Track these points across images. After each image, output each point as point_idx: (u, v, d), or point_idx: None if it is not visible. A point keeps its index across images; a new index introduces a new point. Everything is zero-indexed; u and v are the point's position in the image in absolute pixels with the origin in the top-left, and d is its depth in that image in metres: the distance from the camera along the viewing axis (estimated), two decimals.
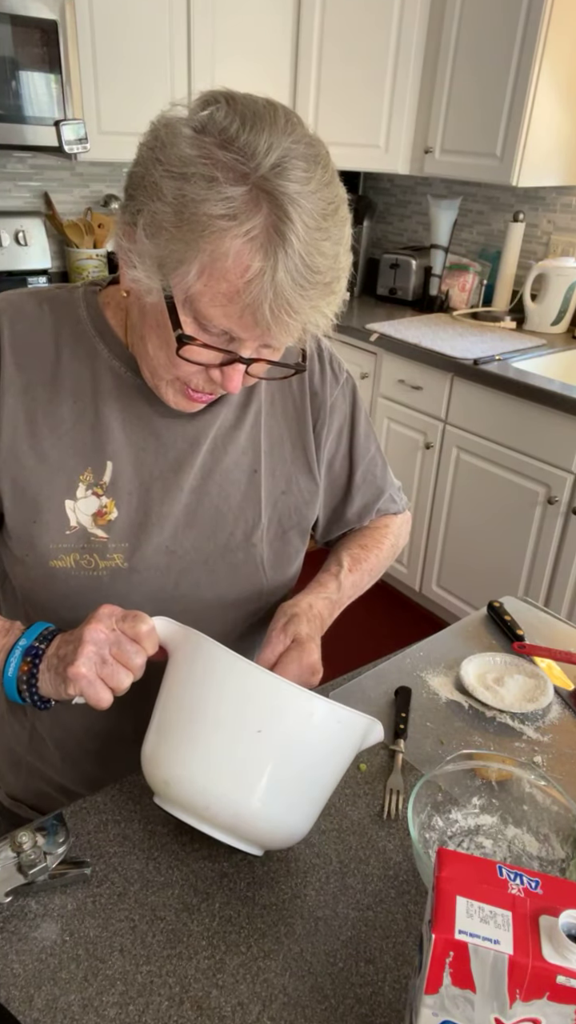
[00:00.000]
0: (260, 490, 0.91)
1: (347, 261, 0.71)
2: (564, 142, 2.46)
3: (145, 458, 0.85)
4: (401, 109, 2.64)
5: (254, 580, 0.92)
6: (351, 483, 1.02)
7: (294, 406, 0.94)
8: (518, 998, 0.50)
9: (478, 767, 0.79)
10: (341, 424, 0.99)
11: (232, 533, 0.90)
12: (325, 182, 0.67)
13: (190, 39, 2.41)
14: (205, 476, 0.88)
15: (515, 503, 2.29)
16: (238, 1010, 0.63)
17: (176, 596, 0.87)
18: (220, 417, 0.88)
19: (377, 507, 1.06)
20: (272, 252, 0.63)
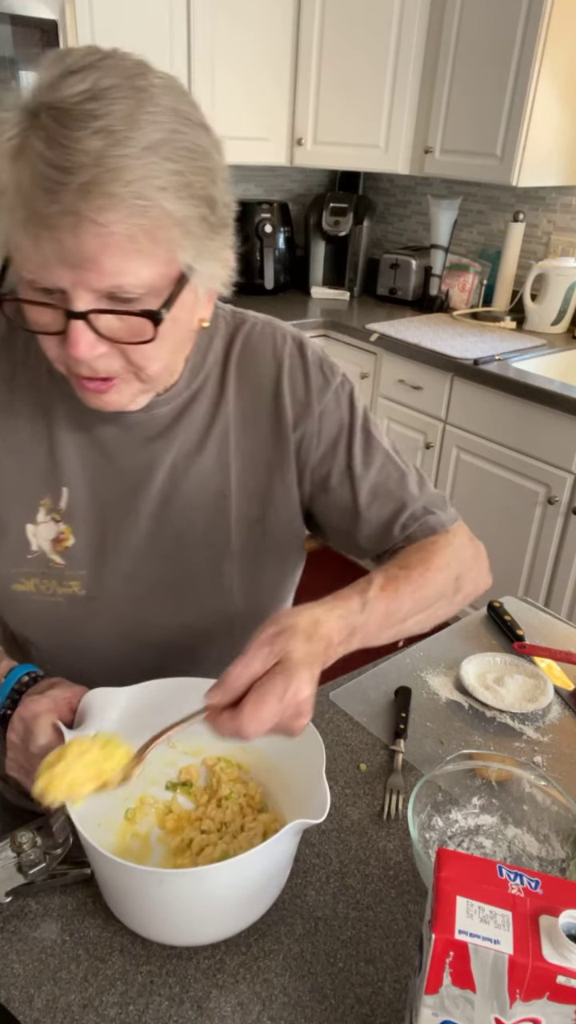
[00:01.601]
0: (230, 515, 0.86)
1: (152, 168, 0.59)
2: (564, 142, 2.46)
3: (101, 483, 0.82)
4: (401, 109, 2.64)
5: (223, 609, 0.88)
6: (356, 500, 0.87)
7: (269, 420, 0.85)
8: (518, 998, 0.50)
9: (478, 767, 0.79)
10: (336, 434, 0.86)
11: (197, 561, 0.85)
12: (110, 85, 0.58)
13: (190, 39, 2.41)
14: (165, 502, 0.83)
15: (515, 503, 2.29)
16: (238, 1010, 0.63)
17: (140, 623, 0.85)
18: (177, 442, 0.83)
19: (401, 523, 0.87)
20: (18, 159, 0.58)
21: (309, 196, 3.31)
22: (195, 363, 0.83)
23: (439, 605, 0.81)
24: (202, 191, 0.63)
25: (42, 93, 0.59)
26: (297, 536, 0.91)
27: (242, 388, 0.85)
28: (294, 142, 2.77)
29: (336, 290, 3.10)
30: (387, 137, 2.70)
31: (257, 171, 3.16)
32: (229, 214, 0.69)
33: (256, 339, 0.86)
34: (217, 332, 0.85)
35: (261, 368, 0.85)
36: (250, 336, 0.85)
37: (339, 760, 0.89)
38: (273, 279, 2.95)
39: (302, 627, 0.64)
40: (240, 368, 0.85)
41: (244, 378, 0.85)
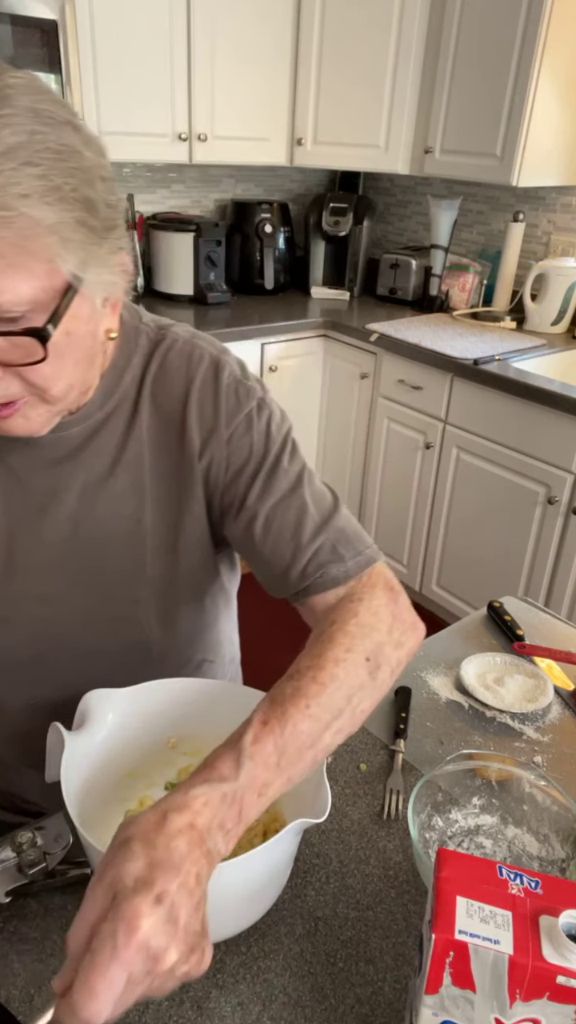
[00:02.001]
0: (145, 541, 0.81)
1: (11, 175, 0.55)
2: (564, 142, 2.46)
3: (8, 504, 0.79)
4: (401, 109, 2.64)
5: (139, 636, 0.85)
6: (251, 536, 0.79)
7: (178, 445, 0.80)
8: (518, 998, 0.50)
9: (478, 767, 0.79)
10: (243, 462, 0.79)
11: (112, 587, 0.82)
12: None
13: (190, 39, 2.41)
14: (76, 526, 0.79)
15: (515, 503, 2.29)
16: (238, 1010, 0.63)
17: (55, 645, 0.83)
18: (87, 466, 0.78)
19: (299, 570, 0.76)
20: None
21: (309, 196, 3.32)
22: (110, 383, 0.78)
23: (358, 699, 0.67)
24: (74, 193, 0.59)
25: None
26: (210, 565, 0.86)
27: (155, 410, 0.79)
28: (294, 142, 2.77)
29: (336, 290, 3.10)
30: (387, 137, 2.70)
31: (257, 171, 3.16)
32: (116, 215, 0.65)
33: (173, 358, 0.80)
34: (137, 349, 0.80)
35: (173, 389, 0.79)
36: (168, 354, 0.80)
37: (339, 760, 0.89)
38: (273, 279, 2.95)
39: (139, 834, 0.51)
40: (155, 389, 0.79)
41: (157, 400, 0.80)
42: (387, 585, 0.77)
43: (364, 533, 0.80)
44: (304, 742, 0.62)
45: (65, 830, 0.71)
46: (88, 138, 0.62)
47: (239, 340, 2.53)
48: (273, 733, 0.61)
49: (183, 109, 2.49)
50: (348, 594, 0.76)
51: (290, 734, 0.61)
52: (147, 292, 2.88)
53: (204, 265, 2.76)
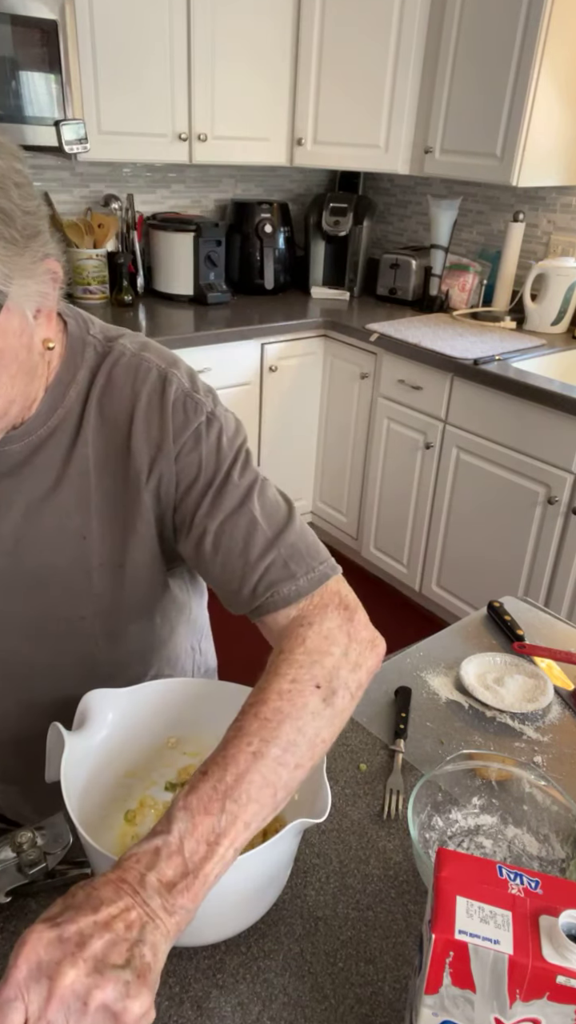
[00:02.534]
0: (90, 558, 0.79)
1: None
2: (564, 142, 2.46)
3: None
4: (401, 109, 2.64)
5: (86, 652, 0.83)
6: (200, 553, 0.77)
7: (123, 461, 0.77)
8: (518, 998, 0.50)
9: (478, 767, 0.79)
10: (193, 478, 0.77)
11: (56, 603, 0.80)
12: None
13: (190, 39, 2.41)
14: (18, 541, 0.78)
15: (515, 503, 2.29)
16: (238, 1010, 0.63)
17: (3, 659, 0.83)
18: (29, 481, 0.77)
19: (250, 588, 0.74)
20: None
21: (309, 196, 3.32)
22: (55, 397, 0.76)
23: (312, 729, 0.64)
24: None
25: None
26: (160, 582, 0.85)
27: (101, 426, 0.77)
28: (294, 142, 2.77)
29: (336, 290, 3.10)
30: (387, 137, 2.70)
31: (257, 171, 3.16)
32: (37, 221, 0.63)
33: (119, 372, 0.77)
34: (83, 363, 0.77)
35: (118, 404, 0.77)
36: (114, 368, 0.77)
37: (339, 760, 0.89)
38: (273, 279, 2.95)
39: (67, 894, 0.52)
40: (100, 404, 0.77)
41: (103, 415, 0.77)
42: (341, 604, 0.74)
43: (319, 546, 0.77)
44: (254, 781, 0.59)
45: (65, 830, 0.71)
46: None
47: (239, 340, 2.53)
48: (212, 778, 0.58)
49: (183, 109, 2.49)
50: (299, 616, 0.73)
51: (233, 776, 0.58)
52: (147, 292, 2.88)
53: (204, 265, 2.76)
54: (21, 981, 0.46)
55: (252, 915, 0.68)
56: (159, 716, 0.79)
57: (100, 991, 0.46)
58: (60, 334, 0.77)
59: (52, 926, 0.48)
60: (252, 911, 0.67)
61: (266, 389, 2.71)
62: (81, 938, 0.48)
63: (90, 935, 0.48)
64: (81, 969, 0.46)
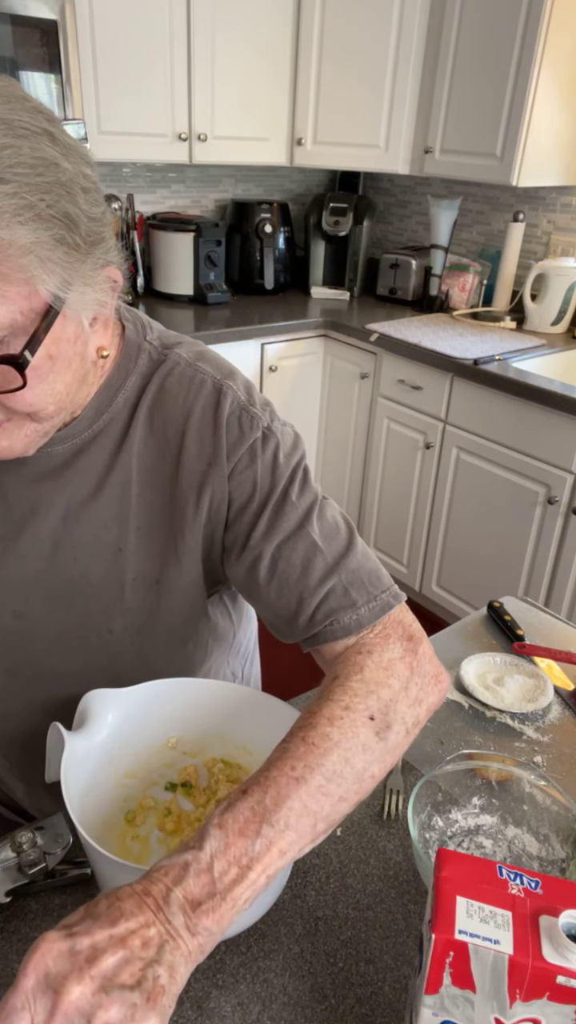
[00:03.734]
0: (124, 572, 0.77)
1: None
2: (564, 142, 2.46)
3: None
4: (401, 109, 2.64)
5: (113, 666, 0.81)
6: (255, 578, 0.73)
7: (171, 477, 0.75)
8: (518, 998, 0.50)
9: (478, 767, 0.79)
10: (247, 497, 0.74)
11: (89, 612, 0.79)
12: None
13: (190, 39, 2.41)
14: (56, 546, 0.76)
15: (515, 503, 2.29)
16: (238, 1010, 0.63)
17: (28, 662, 0.82)
18: (71, 486, 0.75)
19: (307, 616, 0.71)
20: None
21: (309, 196, 3.32)
22: (102, 401, 0.74)
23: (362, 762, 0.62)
24: (51, 210, 0.55)
25: None
26: (198, 605, 0.82)
27: (149, 437, 0.75)
28: (294, 142, 2.77)
29: (336, 290, 3.10)
30: (387, 137, 2.70)
31: (257, 171, 3.16)
32: (101, 228, 0.61)
33: (173, 382, 0.75)
34: (136, 369, 0.75)
35: (171, 417, 0.75)
36: (168, 378, 0.75)
37: None
38: (273, 279, 2.95)
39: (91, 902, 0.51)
40: (151, 414, 0.75)
41: (152, 426, 0.75)
42: (405, 634, 0.70)
43: (382, 572, 0.74)
44: (294, 807, 0.56)
45: (65, 830, 0.71)
46: (68, 148, 0.58)
47: (239, 340, 2.53)
48: (251, 798, 0.56)
49: (183, 109, 2.49)
50: (357, 644, 0.69)
51: (273, 799, 0.56)
52: (147, 292, 2.88)
53: (204, 265, 2.76)
54: (29, 990, 0.45)
55: (251, 915, 0.68)
56: (159, 716, 0.79)
57: (104, 1012, 0.44)
58: (116, 338, 0.75)
59: (66, 936, 0.47)
60: (251, 911, 0.67)
61: (266, 389, 2.71)
62: (93, 953, 0.46)
63: (103, 950, 0.46)
64: (88, 987, 0.45)
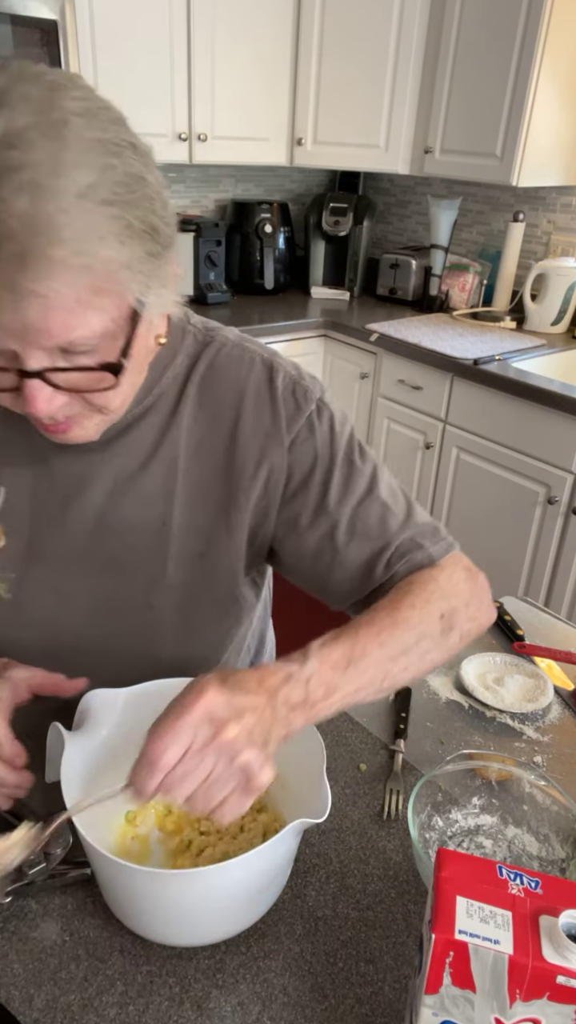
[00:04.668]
0: (168, 546, 0.79)
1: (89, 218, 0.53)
2: (564, 142, 2.46)
3: (39, 488, 0.78)
4: (401, 109, 2.64)
5: (151, 646, 0.82)
6: (333, 540, 0.78)
7: (224, 453, 0.77)
8: (518, 998, 0.50)
9: (478, 767, 0.79)
10: (310, 467, 0.77)
11: (129, 587, 0.80)
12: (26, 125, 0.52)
13: (190, 39, 2.41)
14: (100, 520, 0.78)
15: (515, 503, 2.29)
16: (238, 1010, 0.63)
17: (64, 640, 0.82)
18: (118, 457, 0.77)
19: (384, 561, 0.78)
20: None
21: (309, 196, 3.32)
22: (151, 379, 0.76)
23: (427, 646, 0.71)
24: (142, 224, 0.57)
25: None
26: (237, 581, 0.84)
27: (199, 413, 0.77)
28: (294, 142, 2.77)
29: (336, 290, 3.10)
30: (387, 137, 2.70)
31: (257, 171, 3.16)
32: (173, 232, 0.63)
33: (222, 361, 0.78)
34: (182, 348, 0.78)
35: (223, 394, 0.77)
36: (217, 357, 0.78)
37: (339, 760, 0.89)
38: (273, 279, 2.95)
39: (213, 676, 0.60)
40: (201, 391, 0.77)
41: (203, 403, 0.78)
42: (466, 566, 0.79)
43: (440, 525, 0.81)
44: (372, 662, 0.66)
45: (65, 830, 0.71)
46: (145, 155, 0.59)
47: None
48: (343, 644, 0.66)
49: (183, 109, 2.49)
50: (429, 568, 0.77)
51: (359, 650, 0.66)
52: None
53: (204, 265, 2.76)
54: (196, 720, 0.56)
55: (251, 915, 0.68)
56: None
57: (247, 753, 0.56)
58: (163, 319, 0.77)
59: (223, 692, 0.57)
60: (252, 911, 0.67)
61: None
62: (241, 711, 0.57)
63: (246, 709, 0.57)
64: (240, 732, 0.56)
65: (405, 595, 0.73)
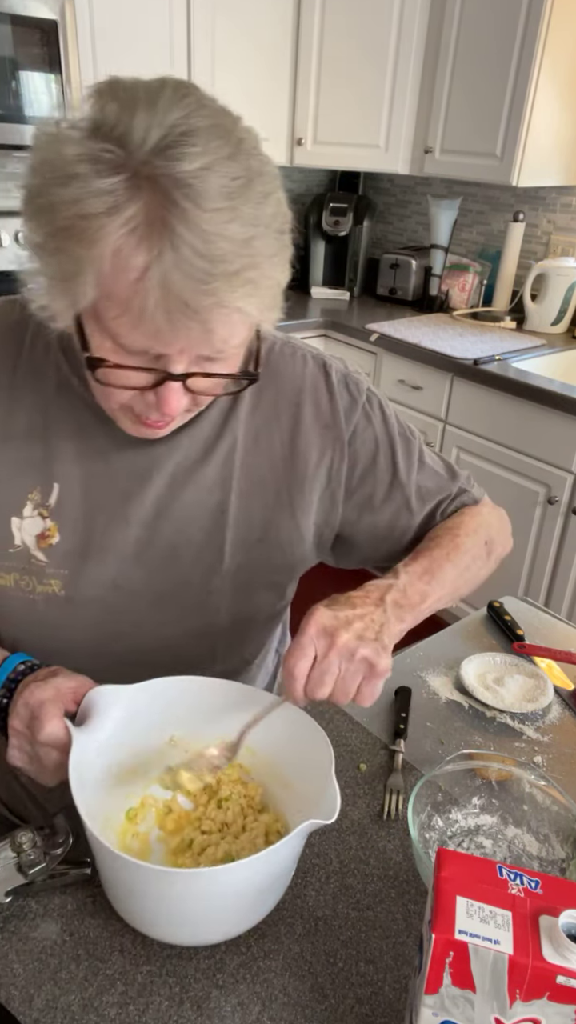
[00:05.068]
0: (226, 533, 0.82)
1: (272, 244, 0.60)
2: (564, 142, 2.46)
3: (93, 484, 0.79)
4: (401, 109, 2.64)
5: (207, 627, 0.84)
6: (409, 506, 0.89)
7: (284, 445, 0.83)
8: (518, 998, 0.50)
9: (478, 767, 0.79)
10: (373, 451, 0.86)
11: (188, 576, 0.82)
12: (227, 154, 0.57)
13: (190, 39, 2.41)
14: (160, 511, 0.80)
15: (515, 503, 2.29)
16: (238, 1010, 0.63)
17: (117, 633, 0.83)
18: (180, 450, 0.80)
19: (442, 509, 0.92)
20: (156, 244, 0.56)
21: (309, 196, 3.31)
22: None
23: (477, 566, 0.88)
24: (288, 239, 0.64)
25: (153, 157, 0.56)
26: (298, 564, 0.88)
27: (257, 406, 0.82)
28: (294, 142, 2.77)
29: (336, 290, 3.10)
30: (387, 137, 2.70)
31: None
32: None
33: (275, 358, 0.83)
34: None
35: (281, 388, 0.82)
36: (270, 355, 0.83)
37: (339, 760, 0.89)
38: None
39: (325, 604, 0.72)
40: (260, 385, 0.81)
41: (261, 396, 0.82)
42: (492, 505, 0.97)
43: (468, 473, 0.97)
44: (447, 576, 0.82)
45: (65, 830, 0.71)
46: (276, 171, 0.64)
47: None
48: (422, 562, 0.81)
49: None
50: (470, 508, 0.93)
51: (437, 567, 0.82)
52: None
53: None
54: (312, 635, 0.67)
55: (254, 916, 0.68)
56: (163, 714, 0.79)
57: (363, 649, 0.68)
58: None
59: (329, 609, 0.69)
60: (255, 911, 0.67)
61: None
62: (348, 619, 0.69)
63: (354, 618, 0.69)
64: (351, 635, 0.68)
65: (460, 526, 0.88)
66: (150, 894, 0.62)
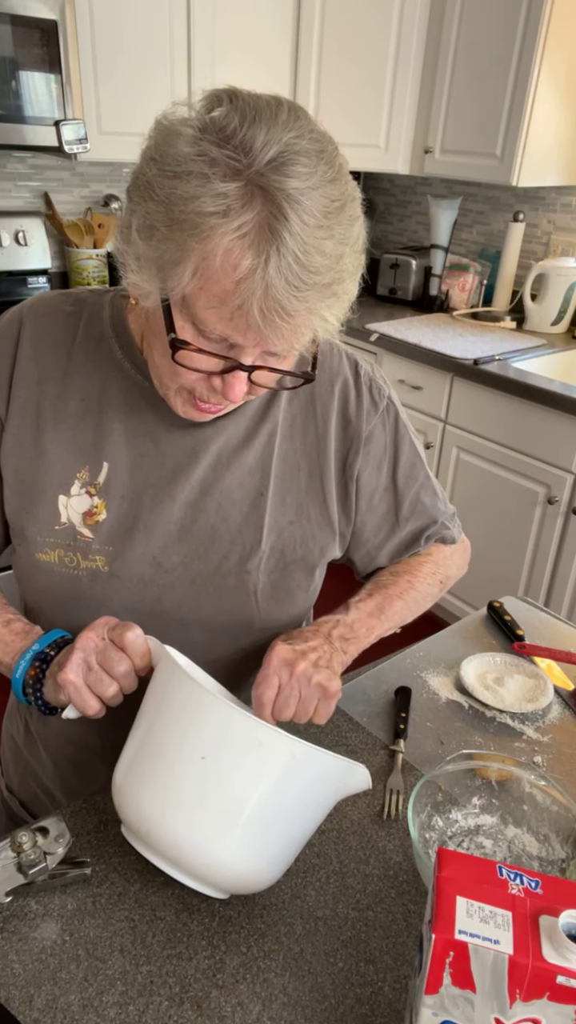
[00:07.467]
0: (264, 515, 0.86)
1: (354, 262, 0.67)
2: (564, 142, 2.46)
3: (142, 464, 0.83)
4: (401, 109, 2.64)
5: (244, 611, 0.87)
6: (397, 515, 0.95)
7: (316, 433, 0.88)
8: (518, 998, 0.50)
9: (478, 767, 0.79)
10: (380, 455, 0.91)
11: (226, 555, 0.85)
12: (329, 178, 0.64)
13: (190, 39, 2.41)
14: (203, 491, 0.84)
15: (515, 503, 2.29)
16: (238, 1010, 0.63)
17: (157, 612, 0.85)
18: (226, 432, 0.84)
19: (426, 535, 0.97)
20: (264, 250, 0.61)
21: None
22: None
23: (427, 601, 0.98)
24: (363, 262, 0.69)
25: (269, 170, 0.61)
26: (327, 547, 0.91)
27: (296, 394, 0.86)
28: None
29: None
30: (387, 137, 2.70)
31: None
32: None
33: None
34: None
35: (318, 380, 0.85)
36: None
37: None
38: None
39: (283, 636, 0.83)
40: None
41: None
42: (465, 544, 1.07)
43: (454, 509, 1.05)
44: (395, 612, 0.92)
45: (65, 830, 0.71)
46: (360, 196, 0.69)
47: None
48: (374, 600, 0.91)
49: None
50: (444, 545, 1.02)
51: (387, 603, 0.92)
52: None
53: None
54: (276, 666, 0.76)
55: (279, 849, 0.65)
56: None
57: (317, 675, 0.77)
58: None
59: (287, 644, 0.79)
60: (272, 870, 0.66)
61: None
62: (304, 652, 0.78)
63: (308, 650, 0.79)
64: (307, 664, 0.77)
65: (420, 567, 0.98)
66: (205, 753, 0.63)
